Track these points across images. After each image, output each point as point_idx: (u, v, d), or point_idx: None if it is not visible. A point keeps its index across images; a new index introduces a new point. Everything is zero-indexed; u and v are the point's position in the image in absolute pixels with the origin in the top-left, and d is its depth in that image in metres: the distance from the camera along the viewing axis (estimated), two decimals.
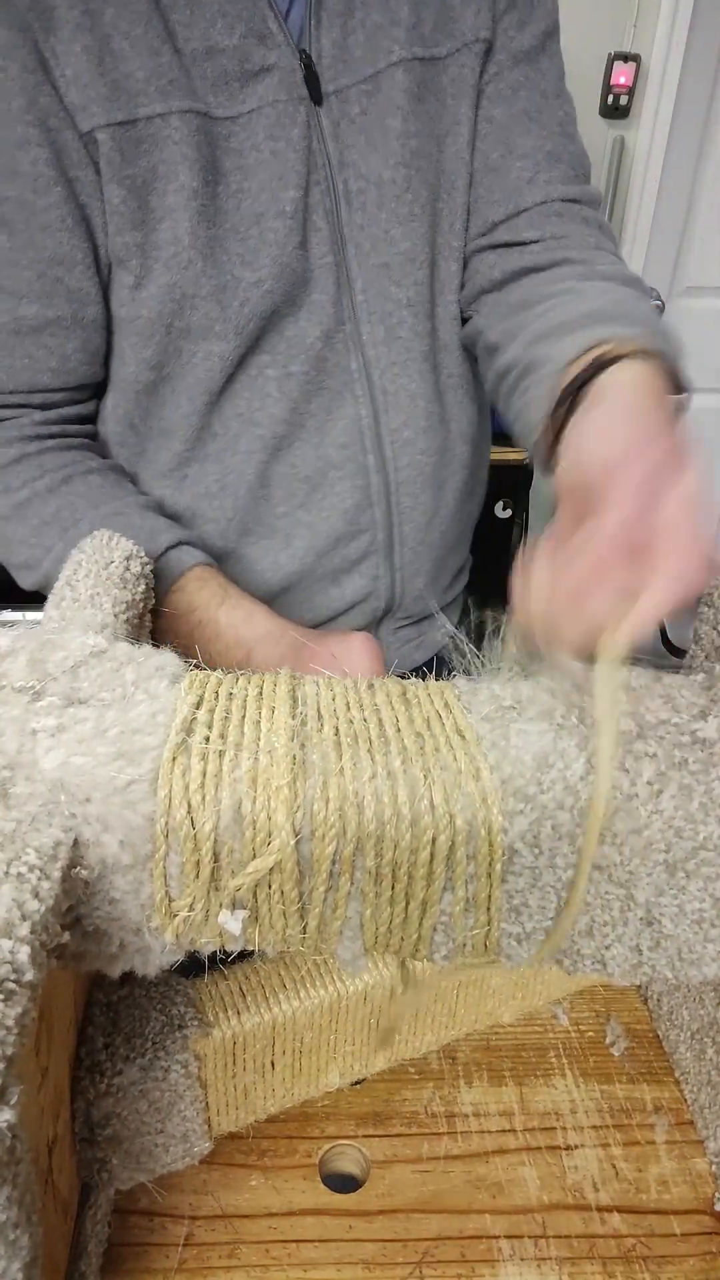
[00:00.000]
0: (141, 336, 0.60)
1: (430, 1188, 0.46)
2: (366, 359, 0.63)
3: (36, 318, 0.58)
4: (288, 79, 0.56)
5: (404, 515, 0.69)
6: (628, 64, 1.82)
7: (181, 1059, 0.41)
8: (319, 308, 0.61)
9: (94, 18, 0.52)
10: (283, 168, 0.57)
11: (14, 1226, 0.24)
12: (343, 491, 0.66)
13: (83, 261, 0.57)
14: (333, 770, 0.31)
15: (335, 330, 0.62)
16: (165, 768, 0.30)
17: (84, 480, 0.60)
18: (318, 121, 0.58)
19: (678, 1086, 0.51)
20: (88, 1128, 0.40)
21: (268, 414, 0.63)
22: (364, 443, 0.65)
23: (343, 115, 0.58)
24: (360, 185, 0.59)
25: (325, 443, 0.65)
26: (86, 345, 0.61)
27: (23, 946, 0.24)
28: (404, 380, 0.65)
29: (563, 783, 0.31)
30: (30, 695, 0.32)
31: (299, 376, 0.62)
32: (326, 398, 0.63)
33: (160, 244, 0.56)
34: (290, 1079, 0.47)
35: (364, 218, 0.60)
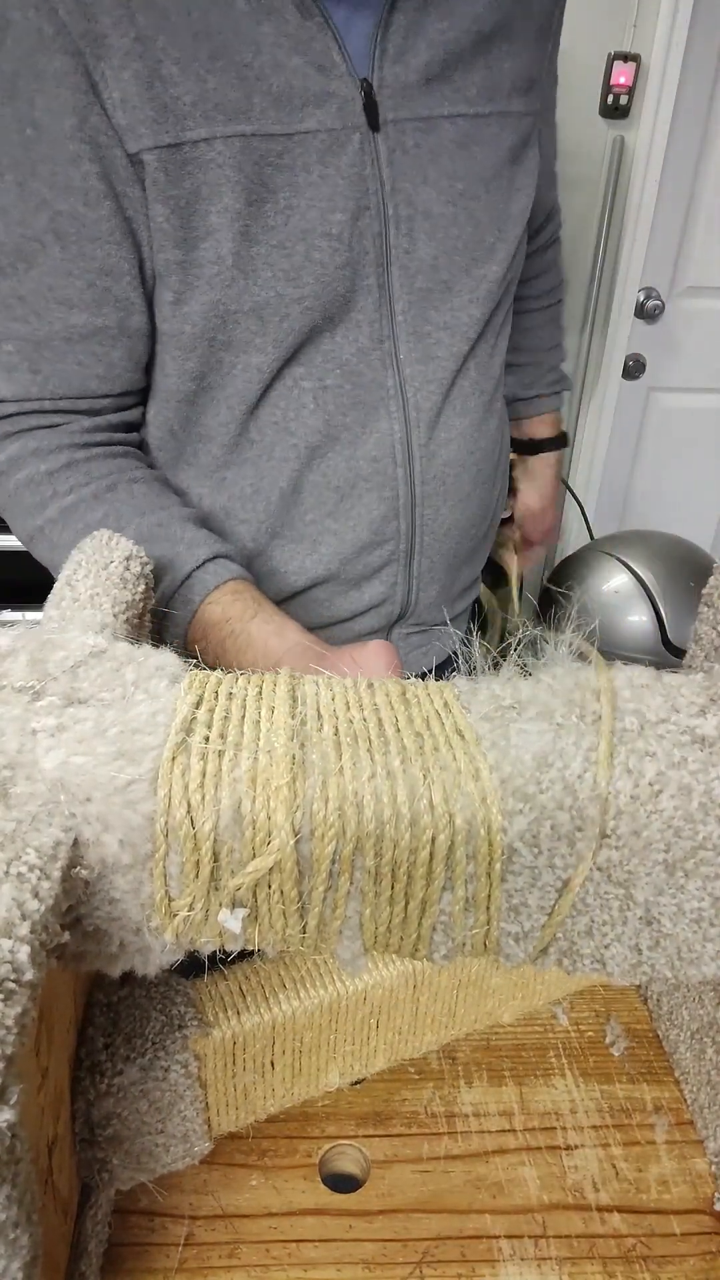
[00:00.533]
0: (184, 350, 0.62)
1: (430, 1188, 0.46)
2: (403, 377, 0.67)
3: (86, 326, 0.60)
4: (346, 107, 0.59)
5: (425, 527, 0.72)
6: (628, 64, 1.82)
7: (181, 1059, 0.41)
8: (357, 326, 0.64)
9: (145, 44, 0.54)
10: (333, 191, 0.59)
11: (14, 1226, 0.24)
12: (370, 502, 0.69)
13: (129, 273, 0.59)
14: (332, 770, 0.31)
15: (373, 348, 0.65)
16: (165, 767, 0.30)
17: (129, 489, 0.62)
18: (373, 148, 0.60)
19: (678, 1086, 0.51)
20: (88, 1128, 0.40)
21: (303, 424, 0.65)
22: (395, 456, 0.68)
23: (398, 145, 0.61)
24: (409, 213, 0.63)
25: (357, 455, 0.67)
26: (132, 353, 0.62)
27: (22, 946, 0.24)
28: (437, 398, 0.69)
29: (562, 782, 0.31)
30: (30, 695, 0.32)
31: (335, 390, 0.65)
32: (361, 412, 0.66)
33: (202, 262, 0.59)
34: (290, 1079, 0.47)
35: (410, 243, 0.63)
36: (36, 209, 0.56)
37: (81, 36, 0.53)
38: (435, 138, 0.63)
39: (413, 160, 0.62)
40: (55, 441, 0.62)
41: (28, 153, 0.55)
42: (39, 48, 0.53)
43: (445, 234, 0.65)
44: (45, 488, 0.61)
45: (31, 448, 0.61)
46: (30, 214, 0.56)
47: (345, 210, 0.60)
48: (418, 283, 0.65)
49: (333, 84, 0.58)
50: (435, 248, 0.65)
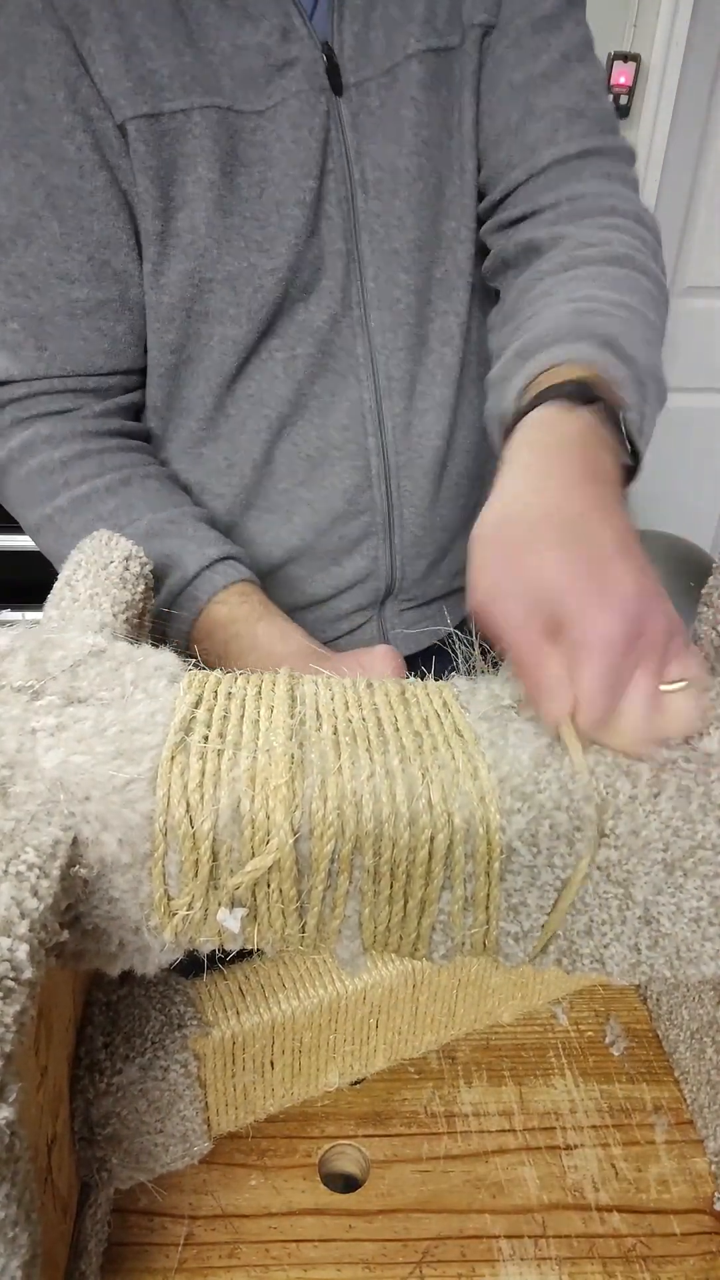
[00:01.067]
0: (163, 321, 0.62)
1: (430, 1188, 0.46)
2: (373, 344, 0.65)
3: (89, 300, 0.60)
4: (310, 70, 0.58)
5: (404, 499, 0.70)
6: (628, 64, 1.82)
7: (181, 1058, 0.41)
8: (328, 293, 0.63)
9: (123, 19, 0.54)
10: (304, 156, 0.59)
11: (13, 1224, 0.24)
12: (343, 471, 0.68)
13: (127, 244, 0.59)
14: (331, 769, 0.31)
15: (343, 315, 0.64)
16: (164, 767, 0.30)
17: (143, 484, 0.62)
18: (337, 112, 0.60)
19: (677, 1086, 0.51)
20: (87, 1127, 0.40)
21: (274, 394, 0.65)
22: (365, 425, 0.67)
23: (362, 107, 0.60)
24: (376, 175, 0.61)
25: (328, 424, 0.66)
26: (134, 327, 0.62)
27: (21, 944, 0.24)
28: (408, 366, 0.66)
29: (559, 782, 0.31)
30: (30, 694, 0.32)
31: (304, 359, 0.64)
32: (331, 379, 0.65)
33: (179, 231, 0.58)
34: (290, 1079, 0.47)
35: (379, 205, 0.62)
36: (33, 184, 0.57)
37: (68, 12, 0.54)
38: (399, 89, 0.61)
39: (376, 120, 0.61)
40: (68, 429, 0.62)
41: (21, 126, 0.55)
42: (28, 19, 0.54)
43: (410, 189, 0.62)
44: (58, 476, 0.61)
45: (44, 434, 0.61)
46: (27, 189, 0.57)
47: (315, 176, 0.59)
48: (387, 244, 0.63)
49: (293, 49, 0.58)
50: (401, 205, 0.63)
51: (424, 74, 0.61)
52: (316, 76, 0.59)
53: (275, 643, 0.57)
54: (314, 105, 0.59)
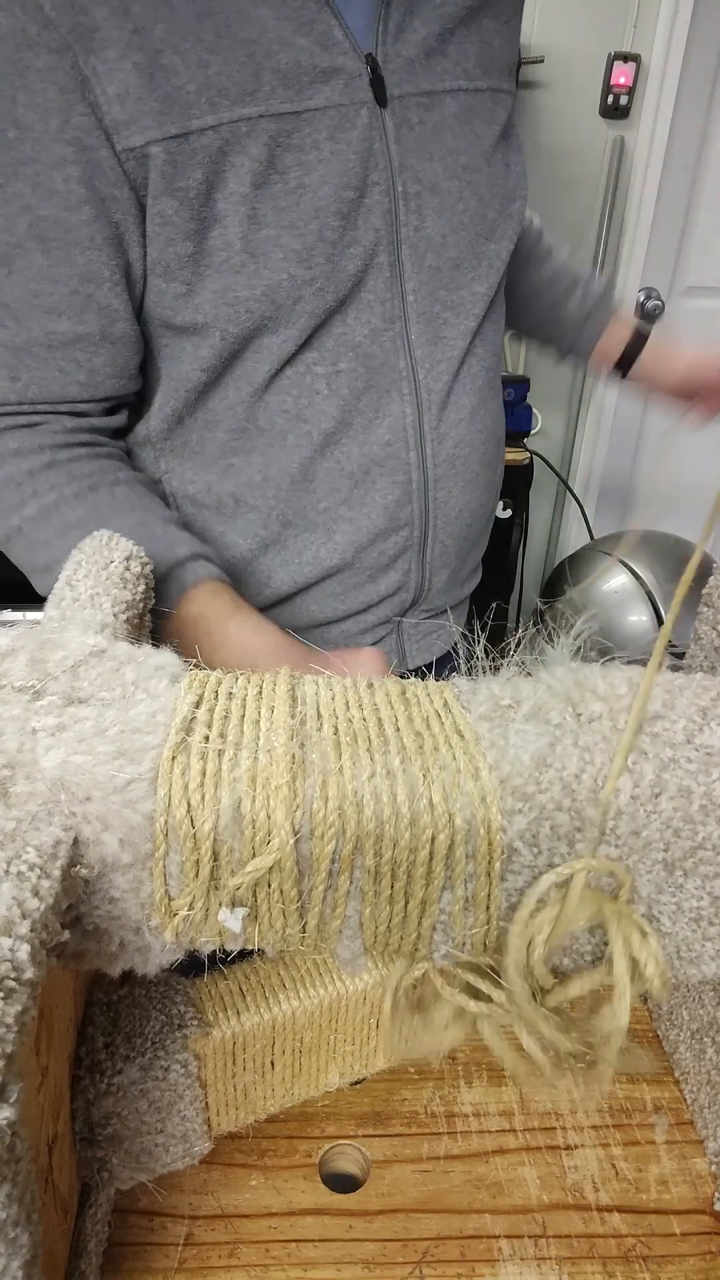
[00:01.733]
0: (198, 339, 0.61)
1: (430, 1188, 0.46)
2: (414, 358, 0.66)
3: (68, 333, 0.59)
4: (354, 82, 0.58)
5: (439, 510, 0.71)
6: (628, 64, 1.82)
7: (181, 1058, 0.41)
8: (369, 307, 0.63)
9: (143, 35, 0.52)
10: (343, 167, 0.58)
11: (14, 1224, 0.24)
12: (385, 488, 0.68)
13: (111, 279, 0.58)
14: (332, 769, 0.31)
15: (385, 329, 0.64)
16: (165, 767, 0.30)
17: (110, 490, 0.62)
18: (381, 124, 0.60)
19: (678, 1086, 0.51)
20: (88, 1127, 0.40)
21: (317, 410, 0.65)
22: (408, 440, 0.68)
23: (404, 120, 0.61)
24: (417, 189, 0.62)
25: (371, 440, 0.66)
26: (115, 360, 0.62)
27: (22, 945, 0.24)
28: (446, 379, 0.68)
29: (560, 782, 0.31)
30: (30, 694, 0.32)
31: (348, 374, 0.64)
32: (375, 395, 0.66)
33: (211, 250, 0.58)
34: (290, 1079, 0.47)
35: (419, 220, 0.63)
36: (19, 213, 0.55)
37: (70, 31, 0.51)
38: (438, 113, 0.62)
39: (418, 136, 0.61)
40: (36, 441, 0.61)
41: (10, 154, 0.54)
42: (21, 45, 0.52)
43: (452, 210, 0.64)
44: (25, 487, 0.60)
45: (12, 448, 0.60)
46: (12, 218, 0.56)
47: (355, 188, 0.59)
48: (428, 260, 0.64)
49: (337, 59, 0.57)
50: (443, 224, 0.64)
51: (458, 108, 0.63)
52: (360, 88, 0.58)
53: (249, 638, 0.57)
54: (353, 118, 0.58)
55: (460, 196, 0.64)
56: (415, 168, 0.62)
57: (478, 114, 0.65)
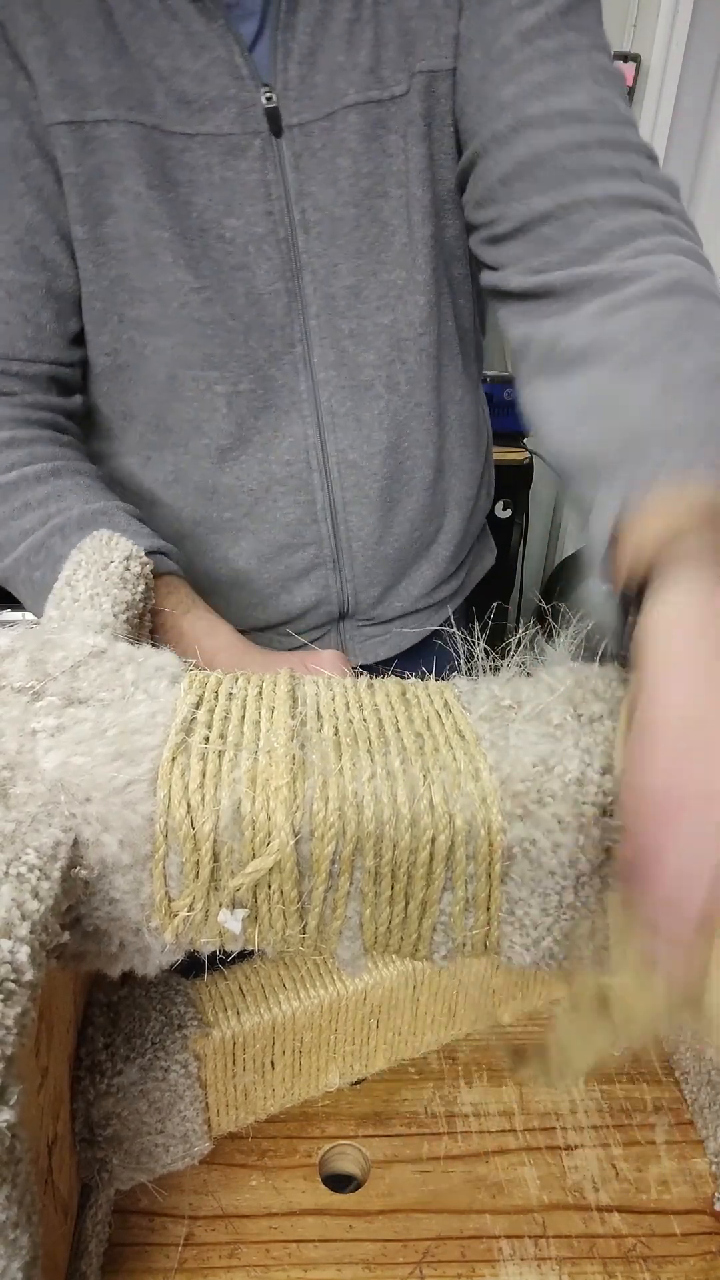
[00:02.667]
0: (96, 324, 0.63)
1: (430, 1188, 0.46)
2: (316, 381, 0.65)
3: (13, 282, 0.60)
4: (245, 113, 0.57)
5: (351, 533, 0.70)
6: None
7: (181, 1059, 0.41)
8: (269, 331, 0.63)
9: (50, 23, 0.55)
10: (230, 196, 0.58)
11: (14, 1226, 0.24)
12: (286, 506, 0.68)
13: (56, 233, 0.60)
14: (332, 770, 0.31)
15: (284, 352, 0.64)
16: (165, 768, 0.30)
17: (74, 476, 0.62)
18: (276, 153, 0.59)
19: (678, 1086, 0.51)
20: (88, 1128, 0.40)
21: (215, 426, 0.65)
22: (310, 461, 0.67)
23: (305, 148, 0.59)
24: (317, 217, 0.61)
25: (270, 459, 0.66)
26: (59, 316, 0.62)
27: (22, 946, 0.24)
28: (351, 404, 0.66)
29: (560, 783, 0.31)
30: (30, 695, 0.32)
31: (246, 394, 0.64)
32: (273, 415, 0.65)
33: (107, 239, 0.59)
34: (290, 1079, 0.47)
35: (322, 247, 0.61)
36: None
37: (2, 7, 0.55)
38: (336, 136, 0.59)
39: (318, 162, 0.59)
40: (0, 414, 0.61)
41: None
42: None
43: (347, 238, 0.62)
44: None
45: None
46: None
47: (242, 216, 0.59)
48: (328, 288, 0.63)
49: (230, 88, 0.57)
50: (338, 252, 0.62)
51: (363, 124, 0.59)
52: (252, 119, 0.58)
53: (202, 636, 0.57)
54: (245, 147, 0.58)
55: (357, 224, 0.61)
56: (314, 195, 0.60)
57: (389, 125, 0.59)
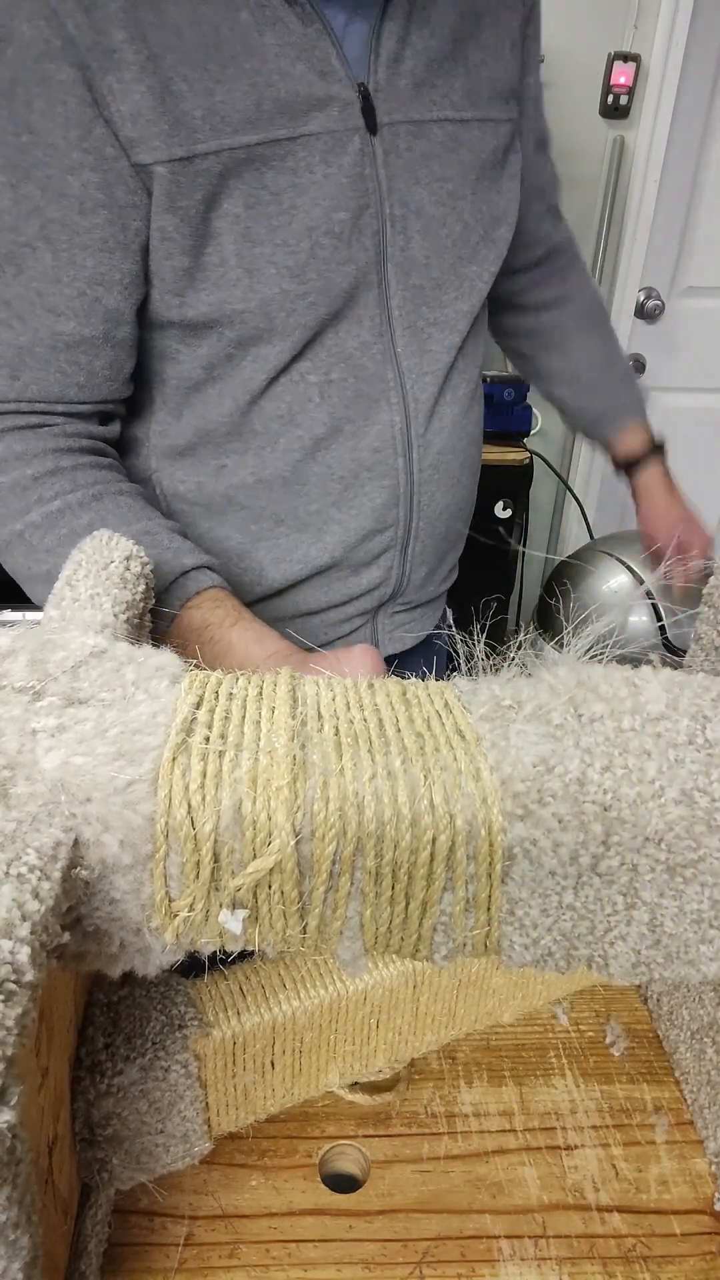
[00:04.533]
0: (195, 338, 0.64)
1: (430, 1188, 0.46)
2: (401, 370, 0.69)
3: (73, 335, 0.60)
4: (345, 110, 0.61)
5: (422, 512, 0.75)
6: (628, 64, 1.82)
7: (181, 1059, 0.41)
8: (359, 321, 0.66)
9: (157, 61, 0.55)
10: (335, 190, 0.61)
11: (14, 1226, 0.24)
12: (373, 491, 0.72)
13: (120, 283, 0.60)
14: (333, 770, 0.31)
15: (374, 342, 0.67)
16: (165, 768, 0.30)
17: (115, 500, 0.63)
18: (371, 150, 0.63)
19: (678, 1086, 0.51)
20: (88, 1128, 0.40)
21: (309, 417, 0.68)
22: (396, 446, 0.71)
23: (393, 146, 0.64)
24: (403, 212, 0.65)
25: (360, 446, 0.70)
26: (114, 363, 0.63)
27: (23, 947, 0.24)
28: (432, 389, 0.72)
29: (561, 783, 0.31)
30: (30, 695, 0.32)
31: (339, 384, 0.67)
32: (364, 404, 0.69)
33: (207, 266, 0.61)
34: (290, 1079, 0.47)
35: (405, 241, 0.66)
36: (29, 215, 0.57)
37: (90, 49, 0.54)
38: (426, 141, 0.65)
39: (406, 162, 0.64)
40: (40, 446, 0.62)
41: (23, 157, 0.55)
42: (44, 57, 0.54)
43: (436, 234, 0.67)
44: (31, 493, 0.61)
45: (17, 451, 0.61)
46: (22, 219, 0.57)
47: (347, 209, 0.62)
48: (411, 279, 0.67)
49: (333, 88, 0.60)
50: (427, 246, 0.67)
51: (444, 137, 0.66)
52: (351, 116, 0.61)
53: (251, 646, 0.58)
54: (345, 143, 0.61)
55: (444, 221, 0.67)
56: (402, 192, 0.65)
57: (464, 143, 0.67)
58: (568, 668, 0.36)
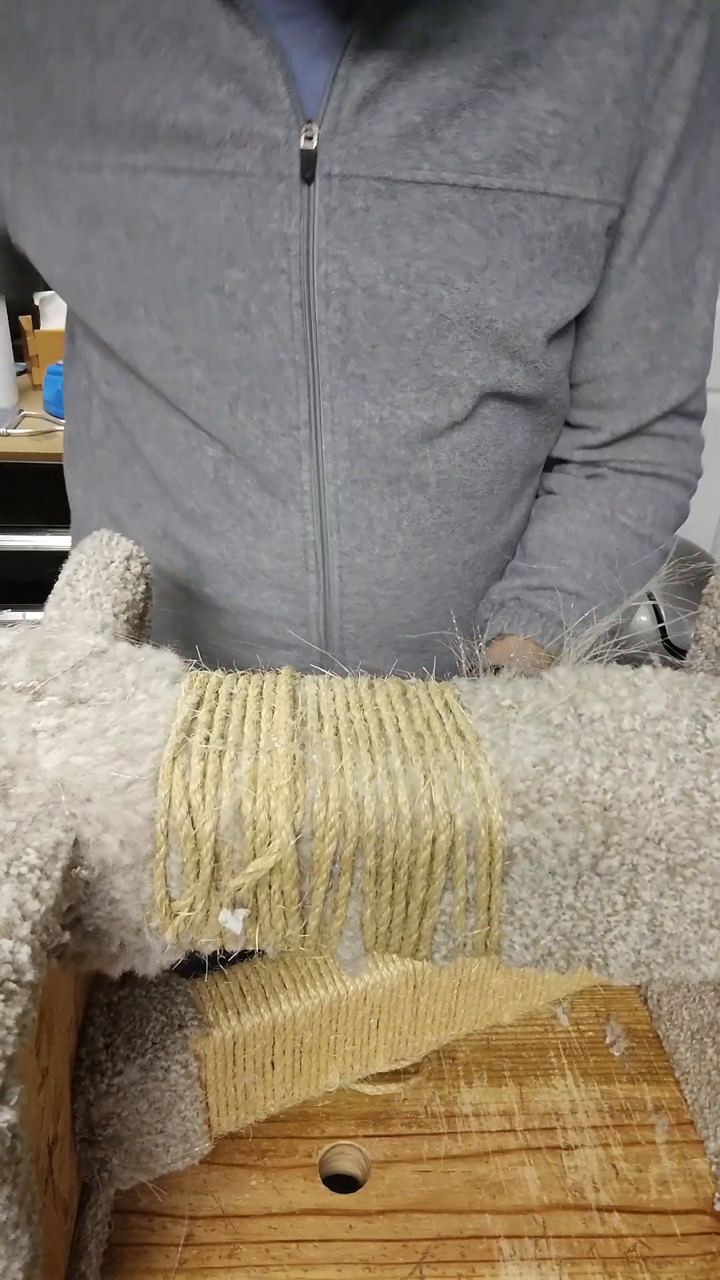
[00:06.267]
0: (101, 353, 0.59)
1: (430, 1188, 0.46)
2: (322, 473, 0.56)
3: None
4: (274, 153, 0.48)
5: (348, 641, 0.62)
6: None
7: (181, 1059, 0.41)
8: (263, 405, 0.54)
9: (34, 62, 0.50)
10: (235, 243, 0.50)
11: (14, 1227, 0.24)
12: (271, 600, 0.60)
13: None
14: (333, 770, 0.31)
15: (283, 434, 0.55)
16: (165, 768, 0.30)
17: None
18: (305, 204, 0.49)
19: (678, 1086, 0.52)
20: (88, 1128, 0.40)
21: (204, 492, 0.58)
22: (306, 561, 0.58)
23: (342, 202, 0.49)
24: (344, 285, 0.51)
25: (259, 546, 0.59)
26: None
27: (23, 946, 0.24)
28: (363, 502, 0.57)
29: (561, 783, 0.31)
30: (30, 695, 0.32)
31: (236, 473, 0.57)
32: (266, 501, 0.57)
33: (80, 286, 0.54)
34: (290, 1079, 0.47)
35: (342, 321, 0.52)
36: None
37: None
38: (397, 205, 0.49)
39: (358, 224, 0.50)
40: None
41: None
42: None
43: (393, 321, 0.52)
44: None
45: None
46: None
47: (246, 269, 0.50)
48: (350, 367, 0.53)
49: (260, 122, 0.48)
50: (376, 333, 0.52)
51: (430, 206, 0.50)
52: (278, 161, 0.49)
53: None
54: (266, 193, 0.49)
55: (405, 308, 0.51)
56: (345, 260, 0.50)
57: (469, 216, 0.50)
58: (568, 668, 0.36)
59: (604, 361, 0.60)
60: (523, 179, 0.50)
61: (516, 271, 0.52)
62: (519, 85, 0.49)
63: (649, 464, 0.64)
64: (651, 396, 0.61)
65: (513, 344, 0.54)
